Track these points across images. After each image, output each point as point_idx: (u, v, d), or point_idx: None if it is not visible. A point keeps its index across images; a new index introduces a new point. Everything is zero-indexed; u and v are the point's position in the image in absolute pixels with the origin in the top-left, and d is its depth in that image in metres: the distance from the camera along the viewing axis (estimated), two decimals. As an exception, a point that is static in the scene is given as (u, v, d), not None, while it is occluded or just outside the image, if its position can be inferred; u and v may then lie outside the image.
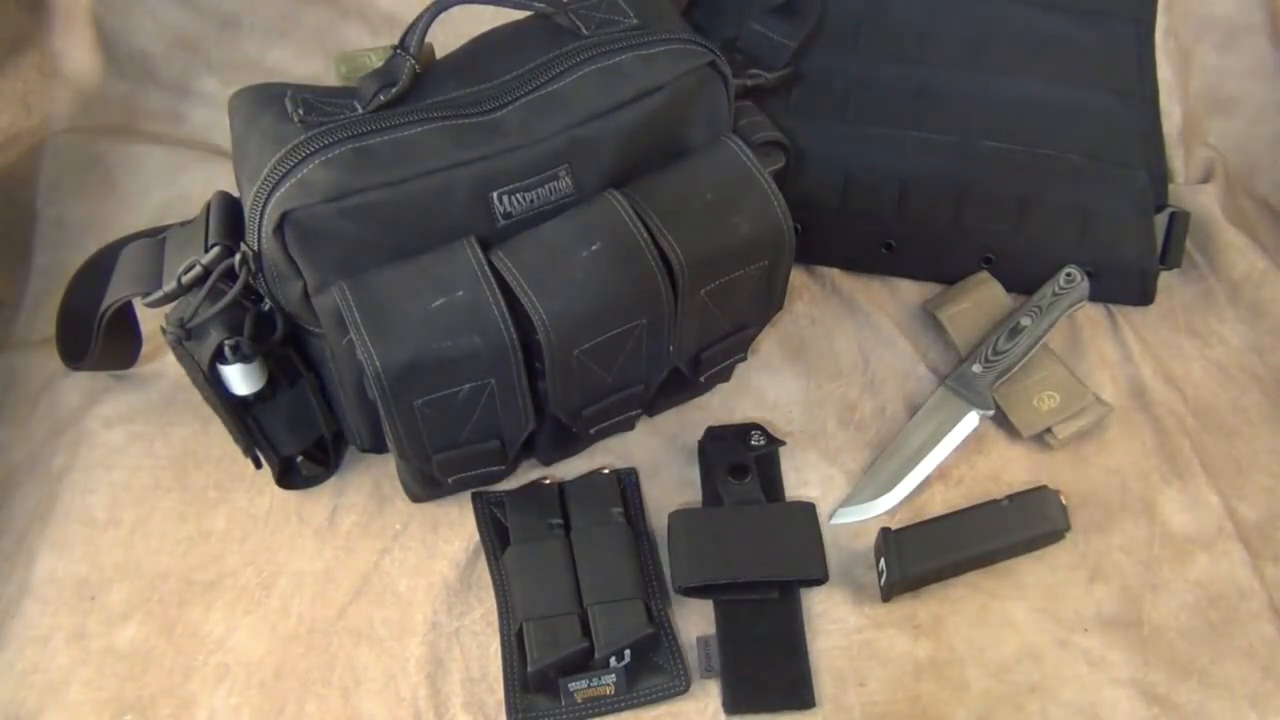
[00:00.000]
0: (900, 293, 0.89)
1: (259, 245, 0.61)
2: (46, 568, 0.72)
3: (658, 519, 0.75)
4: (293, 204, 0.59)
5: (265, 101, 0.64)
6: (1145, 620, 0.70)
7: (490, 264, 0.61)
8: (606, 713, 0.66)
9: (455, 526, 0.75)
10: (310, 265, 0.61)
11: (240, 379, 0.66)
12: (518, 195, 0.63)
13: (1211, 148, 0.95)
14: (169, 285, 0.63)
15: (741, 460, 0.76)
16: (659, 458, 0.79)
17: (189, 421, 0.79)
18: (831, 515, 0.76)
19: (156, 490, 0.76)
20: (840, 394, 0.82)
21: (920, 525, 0.73)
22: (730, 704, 0.67)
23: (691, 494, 0.77)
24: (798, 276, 0.88)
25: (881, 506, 0.76)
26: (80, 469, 0.76)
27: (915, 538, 0.71)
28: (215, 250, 0.62)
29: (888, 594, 0.71)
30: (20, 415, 0.80)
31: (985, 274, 0.86)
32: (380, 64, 0.64)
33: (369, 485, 0.77)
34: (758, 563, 0.70)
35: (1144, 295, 0.87)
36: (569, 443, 0.76)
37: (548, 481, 0.76)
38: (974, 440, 0.79)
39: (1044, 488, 0.74)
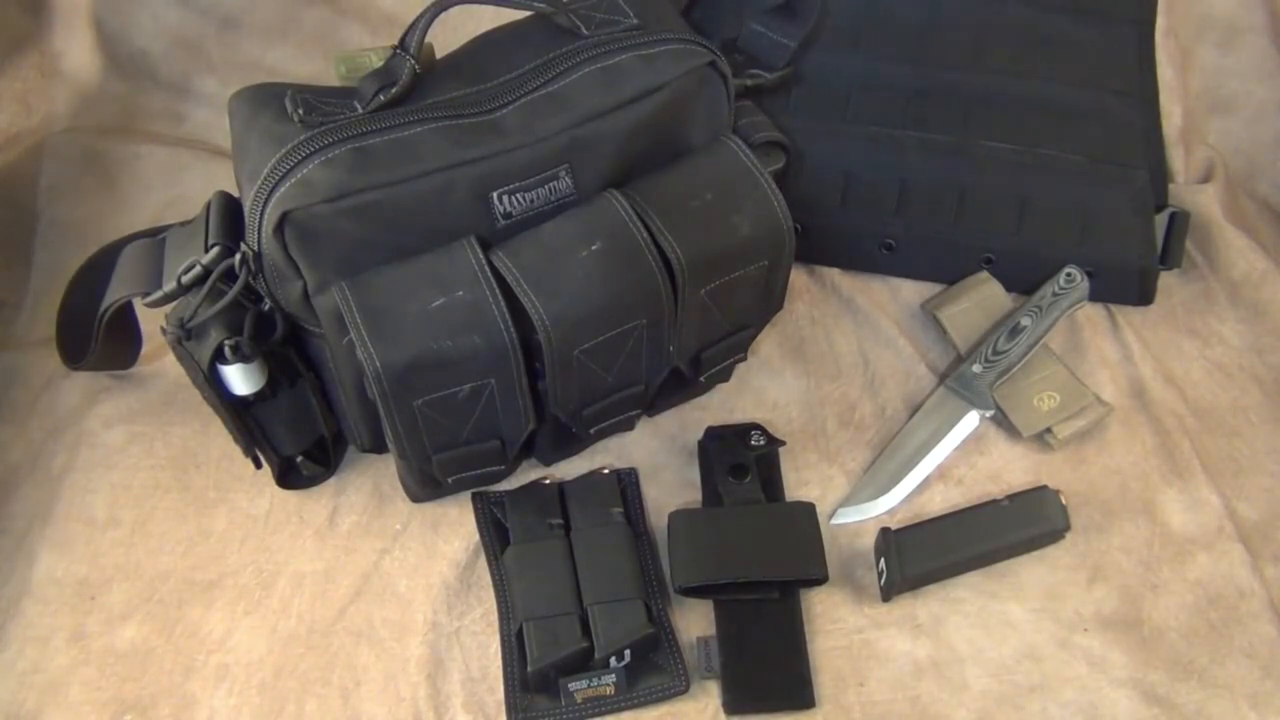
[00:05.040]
0: (900, 293, 0.89)
1: (259, 245, 0.61)
2: (46, 568, 0.72)
3: (658, 519, 0.75)
4: (293, 204, 0.59)
5: (265, 101, 0.64)
6: (1145, 620, 0.70)
7: (490, 264, 0.61)
8: (606, 713, 0.66)
9: (455, 526, 0.75)
10: (310, 265, 0.61)
11: (240, 379, 0.66)
12: (518, 195, 0.63)
13: (1211, 148, 0.95)
14: (169, 285, 0.63)
15: (741, 460, 0.76)
16: (659, 458, 0.79)
17: (189, 421, 0.79)
18: (831, 515, 0.76)
19: (156, 490, 0.76)
20: (840, 394, 0.82)
21: (920, 525, 0.73)
22: (730, 704, 0.67)
23: (691, 494, 0.77)
24: (798, 276, 0.88)
25: (881, 506, 0.76)
26: (80, 469, 0.76)
27: (915, 538, 0.71)
28: (215, 250, 0.62)
29: (888, 594, 0.71)
30: (20, 415, 0.80)
31: (985, 274, 0.86)
32: (380, 64, 0.64)
33: (369, 485, 0.77)
34: (758, 563, 0.70)
35: (1144, 295, 0.87)
36: (569, 443, 0.76)
37: (548, 481, 0.76)
38: (974, 440, 0.79)
39: (1044, 488, 0.74)
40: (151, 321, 0.76)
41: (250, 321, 0.64)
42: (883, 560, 0.70)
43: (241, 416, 0.70)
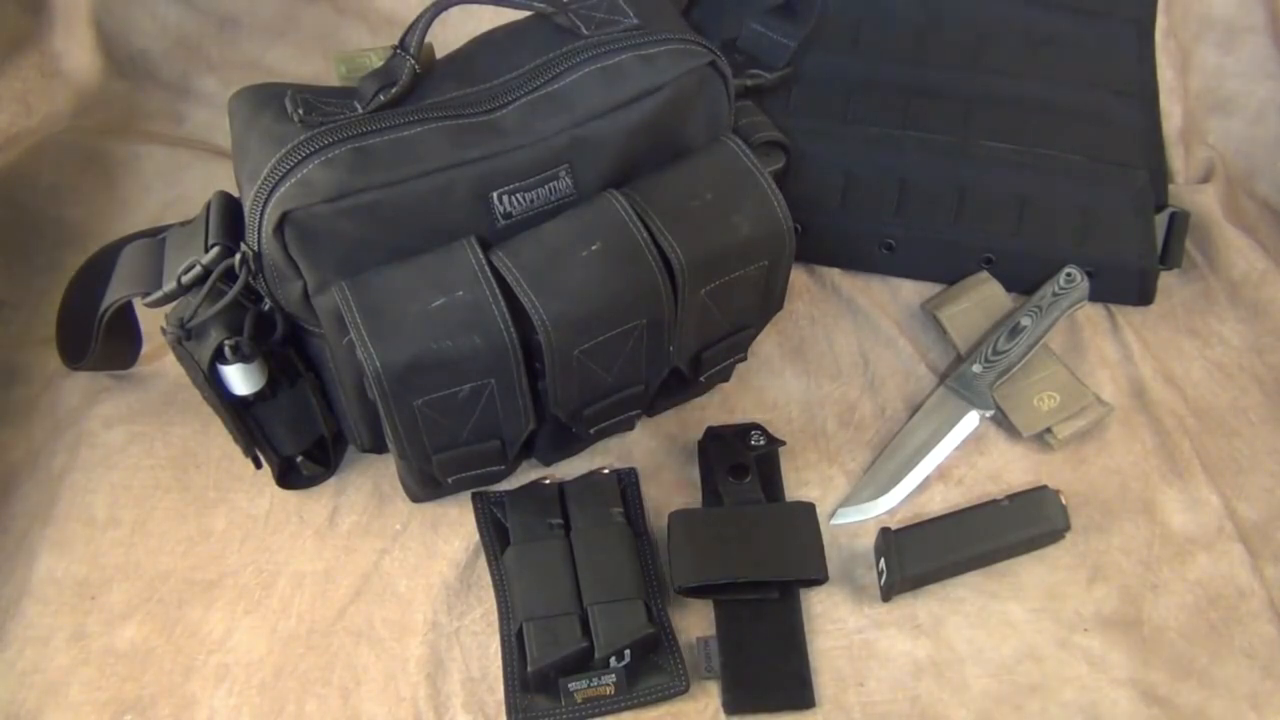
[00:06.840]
0: (900, 293, 0.89)
1: (259, 245, 0.61)
2: (46, 568, 0.72)
3: (658, 519, 0.75)
4: (293, 204, 0.59)
5: (265, 101, 0.64)
6: (1145, 620, 0.70)
7: (490, 264, 0.61)
8: (606, 713, 0.66)
9: (455, 526, 0.75)
10: (310, 265, 0.61)
11: (240, 379, 0.66)
12: (518, 195, 0.63)
13: (1211, 148, 0.95)
14: (169, 285, 0.63)
15: (741, 460, 0.76)
16: (659, 458, 0.79)
17: (189, 421, 0.79)
18: (831, 515, 0.76)
19: (156, 490, 0.76)
20: (840, 394, 0.82)
21: (920, 525, 0.73)
22: (730, 704, 0.67)
23: (691, 494, 0.77)
24: (798, 276, 0.88)
25: (881, 506, 0.76)
26: (80, 469, 0.76)
27: (915, 538, 0.71)
28: (215, 250, 0.62)
29: (888, 594, 0.71)
30: (20, 415, 0.80)
31: (985, 274, 0.86)
32: (380, 64, 0.64)
33: (369, 485, 0.77)
34: (758, 563, 0.70)
35: (1144, 295, 0.87)
36: (569, 443, 0.76)
37: (548, 481, 0.76)
38: (974, 440, 0.79)
39: (1044, 488, 0.74)
40: (151, 321, 0.76)
41: (250, 321, 0.64)
42: (883, 560, 0.70)
43: (241, 416, 0.70)
